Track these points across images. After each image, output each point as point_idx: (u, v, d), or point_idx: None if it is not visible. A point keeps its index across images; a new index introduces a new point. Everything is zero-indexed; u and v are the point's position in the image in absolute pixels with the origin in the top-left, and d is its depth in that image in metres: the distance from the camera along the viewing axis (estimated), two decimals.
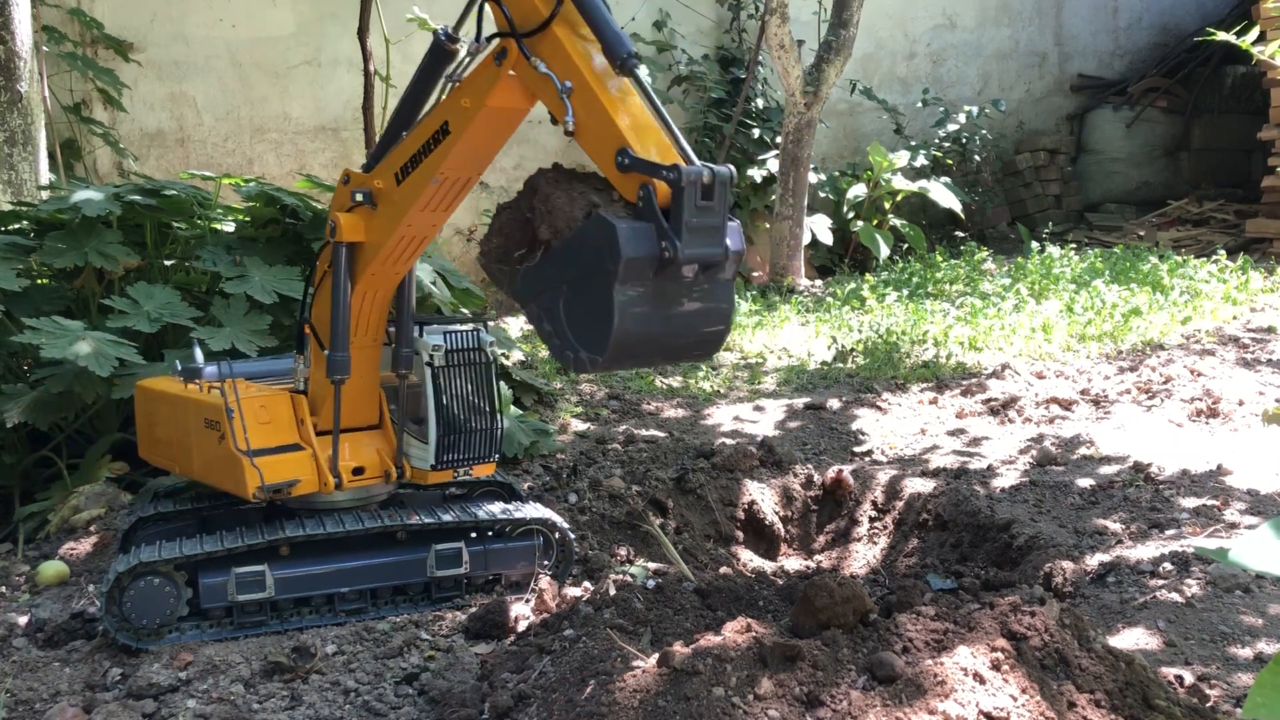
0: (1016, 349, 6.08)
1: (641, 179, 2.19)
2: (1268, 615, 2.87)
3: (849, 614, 2.31)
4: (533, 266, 2.32)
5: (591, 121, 2.28)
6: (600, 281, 2.17)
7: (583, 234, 2.21)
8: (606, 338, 2.19)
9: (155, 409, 3.34)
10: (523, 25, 2.35)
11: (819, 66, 8.10)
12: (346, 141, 8.37)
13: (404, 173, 2.70)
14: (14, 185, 4.78)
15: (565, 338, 2.27)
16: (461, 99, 2.52)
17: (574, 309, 2.25)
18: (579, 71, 2.29)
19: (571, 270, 2.24)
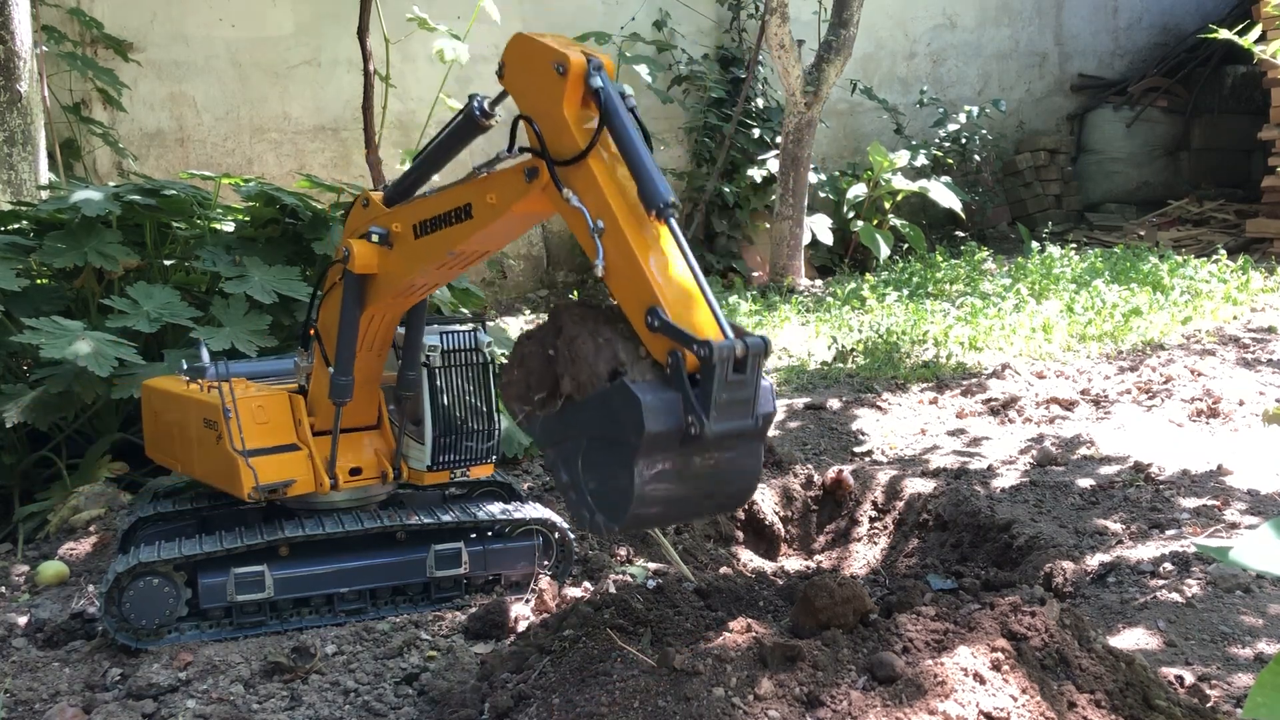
0: (1017, 349, 6.08)
1: (671, 345, 2.08)
2: (1268, 615, 2.87)
3: (849, 614, 2.31)
4: (552, 417, 2.24)
5: (623, 268, 2.17)
6: (622, 450, 2.09)
7: (606, 400, 2.12)
8: (624, 510, 2.11)
9: (160, 408, 3.35)
10: (557, 152, 2.24)
11: (819, 66, 8.10)
12: (346, 141, 8.37)
13: (423, 229, 2.65)
14: (14, 185, 4.78)
15: (582, 495, 2.20)
16: (488, 194, 2.45)
17: (593, 467, 2.17)
18: (612, 212, 2.18)
19: (592, 430, 2.16)
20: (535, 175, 2.29)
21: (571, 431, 2.20)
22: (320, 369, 3.03)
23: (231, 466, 2.94)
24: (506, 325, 7.08)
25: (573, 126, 2.23)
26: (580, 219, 2.20)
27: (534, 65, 2.28)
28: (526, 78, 2.30)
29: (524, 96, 2.32)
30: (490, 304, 7.90)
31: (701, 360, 2.04)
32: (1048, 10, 11.49)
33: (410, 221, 2.68)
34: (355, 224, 2.87)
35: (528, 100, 2.30)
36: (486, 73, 8.76)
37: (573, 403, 2.20)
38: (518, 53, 2.34)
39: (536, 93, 2.27)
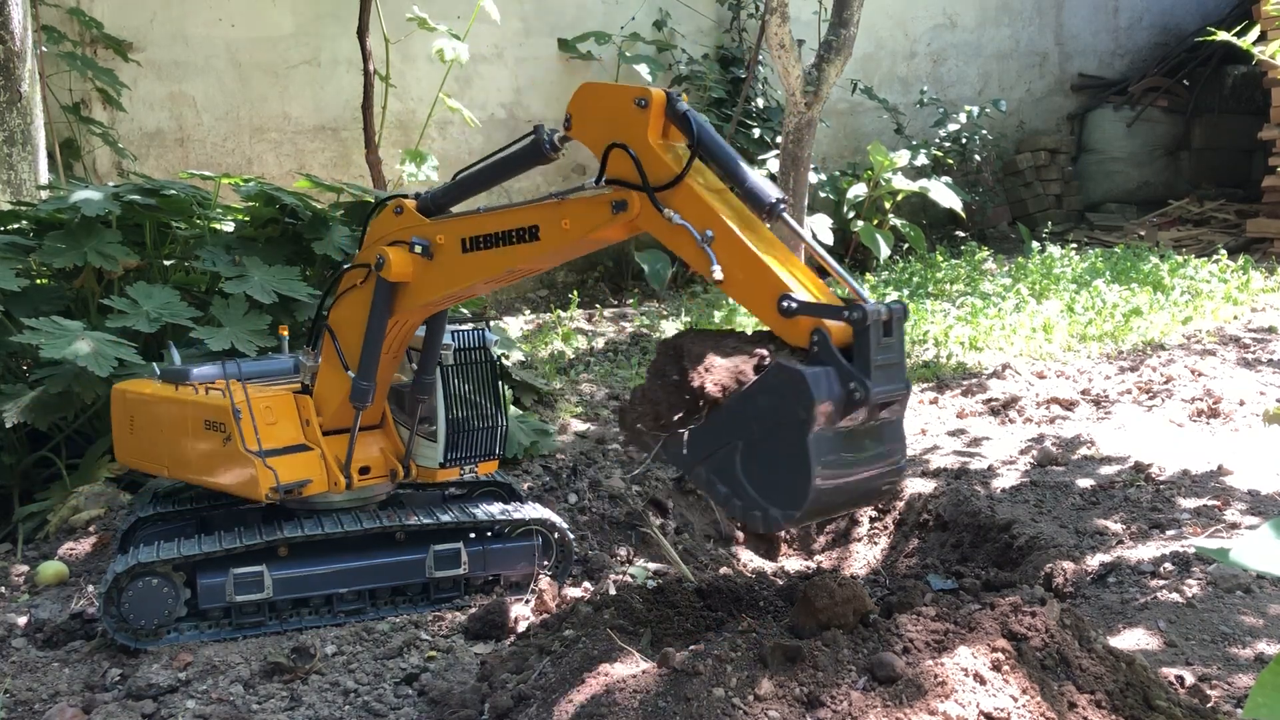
0: (1017, 349, 6.07)
1: (813, 323, 2.14)
2: (1268, 615, 2.87)
3: (849, 614, 2.30)
4: (700, 428, 2.22)
5: (743, 268, 2.25)
6: (790, 432, 2.09)
7: (764, 385, 2.13)
8: (805, 490, 2.10)
9: (139, 412, 3.28)
10: (653, 179, 2.33)
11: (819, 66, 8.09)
12: (346, 141, 8.37)
13: (474, 244, 2.67)
14: (13, 185, 4.78)
15: (749, 497, 2.17)
16: (562, 220, 2.50)
17: (756, 465, 2.16)
18: (719, 220, 2.27)
19: (750, 425, 2.15)
20: (623, 208, 2.38)
21: (724, 436, 2.19)
22: (330, 369, 3.02)
23: (245, 467, 2.92)
24: (506, 325, 7.08)
25: (661, 153, 2.35)
26: (685, 234, 2.29)
27: (611, 105, 2.43)
28: (602, 120, 2.43)
29: (601, 137, 2.43)
30: (490, 304, 7.90)
31: (854, 324, 2.10)
32: (1048, 10, 11.48)
33: (458, 235, 2.70)
34: (385, 230, 2.84)
35: (606, 139, 2.41)
36: (487, 73, 8.77)
37: (721, 408, 2.20)
38: (588, 100, 2.50)
39: (618, 130, 2.39)
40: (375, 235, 2.88)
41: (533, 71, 8.96)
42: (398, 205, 2.82)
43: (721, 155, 2.36)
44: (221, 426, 2.96)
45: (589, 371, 6.01)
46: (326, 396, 3.06)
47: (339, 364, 2.99)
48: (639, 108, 2.37)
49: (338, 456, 3.03)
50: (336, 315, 3.01)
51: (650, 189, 2.33)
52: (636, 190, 2.36)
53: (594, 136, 2.46)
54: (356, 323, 2.92)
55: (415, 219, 2.79)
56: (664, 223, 2.33)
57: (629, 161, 2.36)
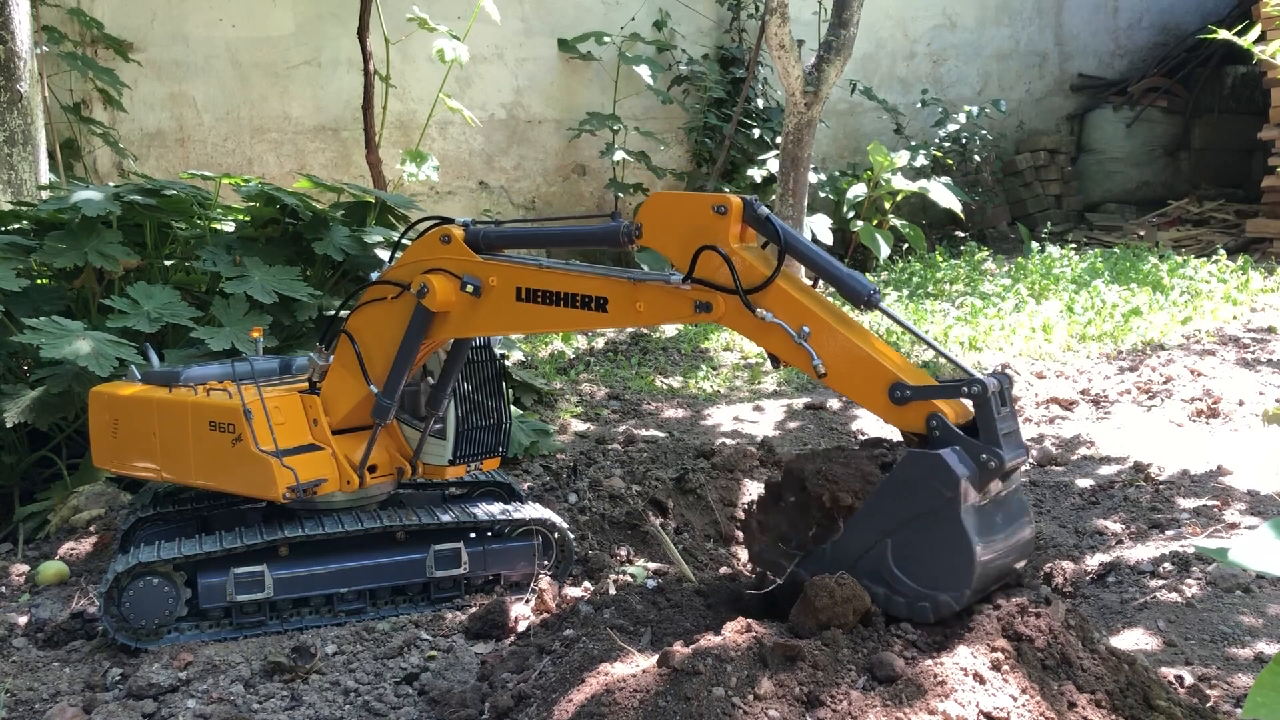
0: (1017, 349, 6.08)
1: (927, 407, 2.25)
2: (1268, 615, 2.87)
3: (849, 614, 2.31)
4: (842, 538, 2.31)
5: (845, 364, 2.34)
6: (940, 515, 2.18)
7: (902, 477, 2.22)
8: (970, 567, 2.17)
9: (124, 415, 3.19)
10: (745, 282, 2.40)
11: (819, 66, 8.09)
12: (346, 141, 8.37)
13: (530, 296, 2.68)
14: (14, 185, 4.78)
15: (911, 591, 2.24)
16: (637, 302, 2.56)
17: (909, 558, 2.24)
18: (815, 316, 2.36)
19: (895, 519, 2.23)
20: (707, 309, 2.45)
21: (866, 539, 2.27)
22: (345, 373, 3.03)
23: (260, 468, 2.90)
24: None
25: (747, 256, 2.45)
26: (780, 332, 2.37)
27: (689, 213, 2.49)
28: (679, 227, 2.49)
29: (677, 243, 2.50)
30: None
31: (976, 398, 2.23)
32: (1048, 10, 11.49)
33: (514, 283, 2.70)
34: (428, 255, 2.83)
35: (683, 250, 2.47)
36: (487, 73, 8.77)
37: (858, 513, 2.28)
38: (661, 209, 2.56)
39: (699, 235, 2.45)
40: (415, 258, 2.87)
41: (533, 71, 8.97)
42: (445, 234, 2.80)
43: (808, 252, 2.48)
44: (230, 427, 2.95)
45: (589, 371, 6.01)
46: (337, 398, 3.06)
47: (355, 370, 2.99)
48: (718, 214, 2.45)
49: (348, 455, 3.04)
50: (357, 323, 3.01)
51: (743, 291, 2.39)
52: (724, 292, 2.43)
53: (669, 242, 2.52)
54: (380, 336, 2.93)
55: (463, 252, 2.78)
56: (755, 322, 2.40)
57: (718, 263, 2.42)
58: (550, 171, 9.12)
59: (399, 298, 2.88)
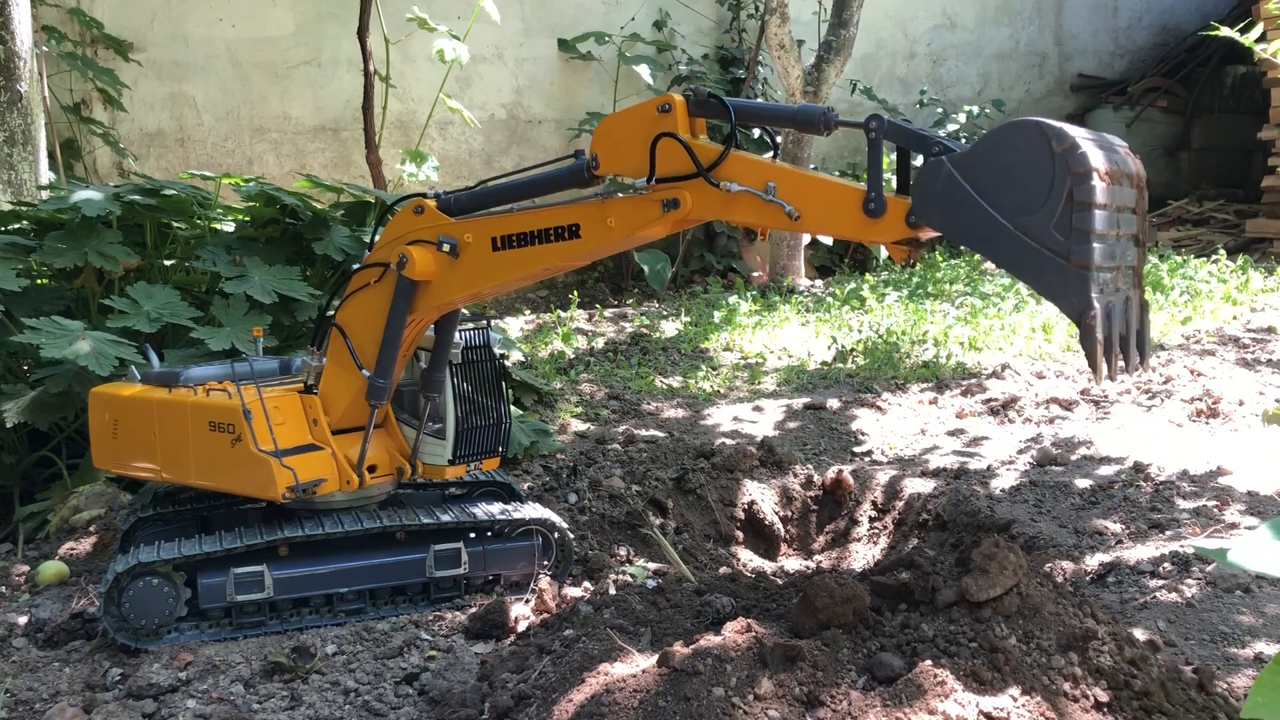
0: (1016, 349, 6.08)
1: (903, 205, 2.26)
2: (1267, 615, 2.87)
3: (849, 614, 2.31)
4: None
5: (815, 200, 2.37)
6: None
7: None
8: None
9: (124, 415, 3.19)
10: (704, 161, 2.46)
11: (819, 66, 8.10)
12: (346, 141, 8.37)
13: (505, 243, 2.72)
14: (14, 185, 4.78)
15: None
16: (607, 218, 2.59)
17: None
18: (776, 169, 2.42)
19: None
20: (674, 206, 2.49)
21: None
22: (338, 369, 3.03)
23: (259, 468, 2.90)
24: (506, 325, 7.09)
25: (699, 142, 2.51)
26: (747, 198, 2.42)
27: (636, 123, 2.54)
28: (631, 140, 2.54)
29: (634, 157, 2.54)
30: (490, 304, 7.91)
31: (937, 156, 2.23)
32: (1048, 10, 11.49)
33: (488, 234, 2.74)
34: (405, 229, 2.86)
35: (636, 159, 2.53)
36: (487, 73, 8.77)
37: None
38: (610, 131, 2.61)
39: (648, 139, 2.50)
40: (393, 235, 2.90)
41: (533, 71, 8.97)
42: (418, 205, 2.85)
43: (757, 110, 2.56)
44: (230, 427, 2.95)
45: (589, 371, 6.01)
46: (334, 396, 3.06)
47: (349, 363, 3.00)
48: (664, 113, 2.50)
49: (347, 455, 3.04)
50: (346, 315, 3.01)
51: (704, 169, 2.45)
52: (687, 180, 2.47)
53: (626, 160, 2.56)
54: (368, 321, 2.94)
55: (438, 218, 2.82)
56: (722, 196, 2.44)
57: (677, 153, 2.46)
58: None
59: (382, 279, 2.89)
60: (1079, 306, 2.04)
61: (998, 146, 2.14)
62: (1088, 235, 2.03)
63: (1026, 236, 2.07)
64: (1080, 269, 2.03)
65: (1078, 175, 2.01)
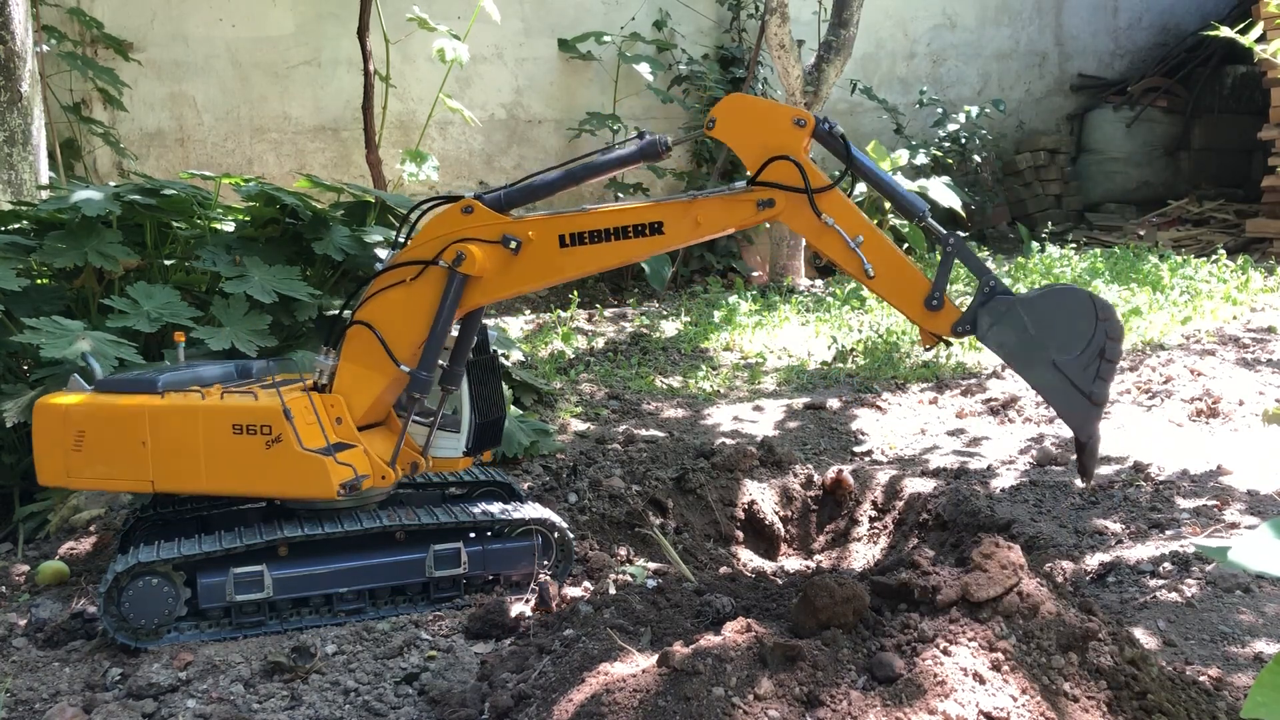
0: None
1: (954, 314, 2.74)
2: (1267, 615, 2.87)
3: (849, 614, 2.31)
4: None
5: (890, 271, 2.74)
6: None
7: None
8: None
9: (98, 425, 3.01)
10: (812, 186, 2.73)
11: (819, 66, 8.10)
12: (346, 141, 8.37)
13: (574, 240, 2.85)
14: (14, 185, 4.78)
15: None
16: (694, 215, 2.79)
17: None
18: (869, 227, 2.74)
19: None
20: (769, 205, 2.76)
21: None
22: (360, 367, 3.03)
23: (308, 466, 2.89)
24: (506, 325, 7.09)
25: (812, 165, 2.77)
26: (836, 236, 2.73)
27: (768, 119, 2.79)
28: (754, 129, 2.79)
29: (749, 143, 2.79)
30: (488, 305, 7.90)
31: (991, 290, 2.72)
32: (1048, 10, 11.49)
33: (555, 231, 2.86)
34: (452, 228, 2.92)
35: (755, 148, 2.77)
36: (487, 73, 8.77)
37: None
38: (737, 108, 2.83)
39: (772, 141, 2.76)
40: (435, 233, 2.95)
41: (533, 71, 8.97)
42: (468, 205, 2.92)
43: (871, 168, 2.78)
44: (265, 429, 2.92)
45: (589, 371, 6.01)
46: (357, 394, 3.05)
47: (375, 361, 3.00)
48: (798, 126, 2.77)
49: (378, 452, 3.07)
50: (372, 313, 3.01)
51: (811, 192, 2.71)
52: (790, 191, 2.74)
53: (741, 141, 2.79)
54: (404, 317, 2.98)
55: (490, 217, 2.90)
56: (817, 222, 2.74)
57: (790, 170, 2.73)
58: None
59: (419, 276, 2.93)
60: (1090, 432, 2.70)
61: (1055, 301, 2.66)
62: (1107, 384, 2.66)
63: (1062, 371, 2.66)
64: (1098, 406, 2.68)
65: (1112, 342, 2.63)
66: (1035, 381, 2.70)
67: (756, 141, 2.78)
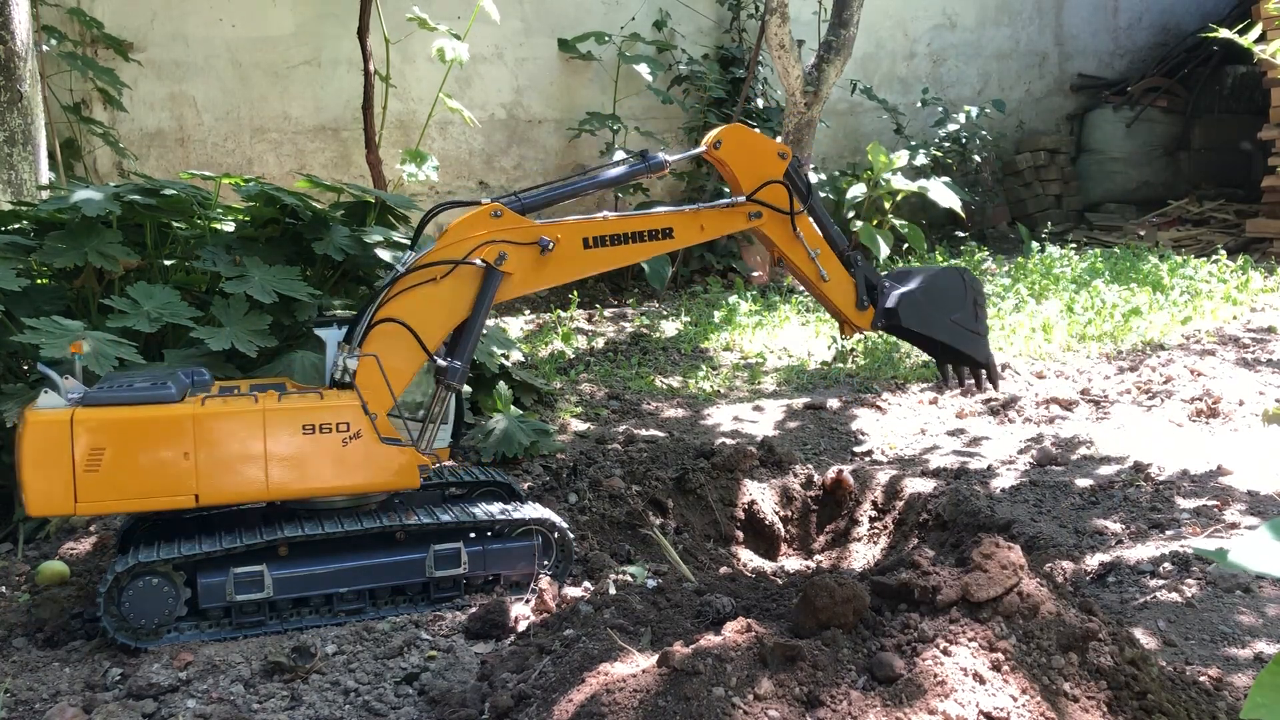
0: (1016, 349, 6.08)
1: (871, 312, 3.64)
2: (1267, 615, 2.87)
3: (849, 614, 2.31)
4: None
5: (837, 279, 3.56)
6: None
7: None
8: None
9: (129, 440, 2.82)
10: (783, 206, 3.47)
11: (819, 66, 8.10)
12: (346, 141, 8.37)
13: (596, 242, 3.26)
14: (14, 185, 4.78)
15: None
16: (699, 222, 3.41)
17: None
18: (824, 245, 3.56)
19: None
20: (758, 216, 3.45)
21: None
22: (388, 362, 3.06)
23: (395, 458, 3.03)
24: (506, 325, 7.09)
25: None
26: (801, 247, 3.51)
27: (762, 149, 3.48)
28: (750, 156, 3.46)
29: (744, 167, 3.45)
30: None
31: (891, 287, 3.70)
32: (1048, 10, 11.49)
33: (581, 235, 3.25)
34: (481, 230, 3.14)
35: (749, 170, 3.45)
36: (487, 73, 8.77)
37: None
38: (739, 137, 3.47)
39: (763, 168, 3.45)
40: (462, 235, 3.14)
41: (533, 71, 8.97)
42: (496, 210, 3.17)
43: (816, 203, 3.55)
44: (343, 426, 2.96)
45: (589, 371, 6.01)
46: (381, 389, 3.07)
47: (403, 356, 3.08)
48: (780, 159, 3.46)
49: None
50: (403, 309, 3.08)
51: (794, 214, 3.47)
52: (773, 210, 3.44)
53: (740, 163, 3.43)
54: (435, 312, 3.12)
55: (520, 221, 3.19)
56: (791, 236, 3.49)
57: (780, 193, 3.44)
58: (550, 171, 9.12)
59: (449, 275, 3.10)
60: (987, 354, 3.85)
61: (934, 280, 3.64)
62: (984, 318, 3.82)
63: (957, 323, 3.70)
64: (985, 335, 3.82)
65: (978, 292, 3.75)
66: (943, 335, 3.64)
67: (754, 167, 3.44)
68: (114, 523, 3.63)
